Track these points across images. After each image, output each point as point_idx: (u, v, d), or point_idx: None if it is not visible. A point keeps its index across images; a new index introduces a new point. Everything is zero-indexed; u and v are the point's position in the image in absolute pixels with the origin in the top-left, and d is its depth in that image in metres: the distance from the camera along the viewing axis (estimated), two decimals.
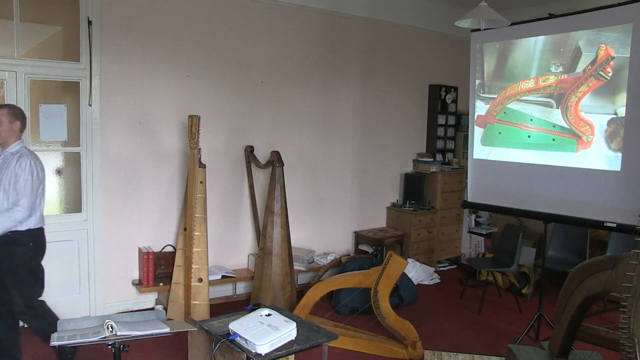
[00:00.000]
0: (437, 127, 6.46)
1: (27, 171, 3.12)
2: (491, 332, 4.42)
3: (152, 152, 4.53)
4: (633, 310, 2.14)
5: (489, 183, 4.57)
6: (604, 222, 3.73)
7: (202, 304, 4.24)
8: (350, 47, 5.63)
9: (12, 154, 3.18)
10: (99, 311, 4.37)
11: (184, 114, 4.49)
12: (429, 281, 5.68)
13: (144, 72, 4.41)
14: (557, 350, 2.75)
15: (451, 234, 6.33)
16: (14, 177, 3.11)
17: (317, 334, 2.74)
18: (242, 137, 4.97)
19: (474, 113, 4.66)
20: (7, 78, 3.89)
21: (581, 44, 3.87)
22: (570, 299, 2.65)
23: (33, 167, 3.15)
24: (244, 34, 4.88)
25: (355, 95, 5.75)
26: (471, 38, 4.63)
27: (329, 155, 5.63)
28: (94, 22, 4.12)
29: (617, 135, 3.70)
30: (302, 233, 5.45)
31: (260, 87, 5.04)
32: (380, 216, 6.18)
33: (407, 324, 3.84)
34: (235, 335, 2.54)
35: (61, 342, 2.32)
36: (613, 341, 3.92)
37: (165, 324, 2.56)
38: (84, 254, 4.29)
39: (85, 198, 4.28)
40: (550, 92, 4.09)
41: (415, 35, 6.17)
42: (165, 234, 4.64)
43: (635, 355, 2.10)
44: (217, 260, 4.88)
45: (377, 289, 3.83)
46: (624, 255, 2.29)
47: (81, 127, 4.21)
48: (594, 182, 3.84)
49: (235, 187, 4.99)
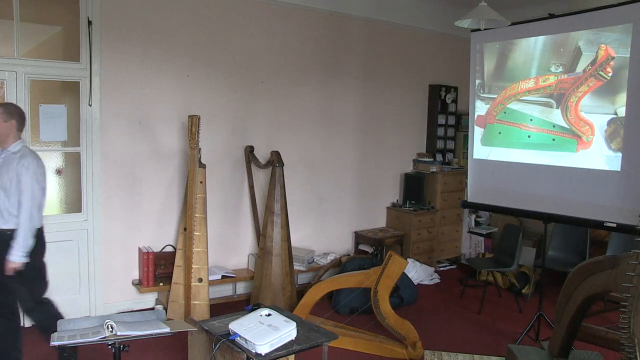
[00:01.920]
0: (437, 127, 6.46)
1: (30, 171, 3.10)
2: (491, 332, 4.42)
3: (152, 152, 4.53)
4: (633, 310, 2.14)
5: (489, 183, 4.58)
6: (604, 222, 3.73)
7: (202, 304, 4.24)
8: (350, 47, 5.63)
9: (13, 154, 3.15)
10: (99, 311, 4.37)
11: (184, 113, 4.49)
12: (429, 281, 5.68)
13: (144, 72, 4.41)
14: (557, 350, 2.76)
15: (451, 234, 6.33)
16: (15, 176, 3.09)
17: (317, 334, 2.74)
18: (242, 137, 4.97)
19: (474, 113, 4.66)
20: (7, 78, 3.89)
21: (581, 44, 3.87)
22: (570, 299, 2.65)
23: (37, 167, 3.14)
24: (245, 33, 4.88)
25: (355, 95, 5.75)
26: (471, 38, 4.63)
27: (329, 155, 5.63)
28: (94, 22, 4.12)
29: (617, 135, 3.70)
30: (302, 233, 5.45)
31: (260, 87, 5.04)
32: (380, 216, 6.18)
33: (407, 324, 3.84)
34: (235, 335, 2.54)
35: (61, 342, 2.32)
36: (613, 341, 3.93)
37: (165, 324, 2.56)
38: (84, 254, 4.29)
39: (85, 198, 4.28)
40: (550, 92, 4.09)
41: (415, 35, 6.17)
42: (165, 234, 4.64)
43: (635, 355, 2.10)
44: (217, 260, 4.88)
45: (377, 289, 3.83)
46: (624, 255, 2.30)
47: (81, 127, 4.21)
48: (594, 182, 3.84)
49: (235, 187, 5.00)
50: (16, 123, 3.18)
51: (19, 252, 3.07)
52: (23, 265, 3.10)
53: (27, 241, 3.09)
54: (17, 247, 3.06)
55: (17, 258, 3.07)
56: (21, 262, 3.09)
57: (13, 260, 3.06)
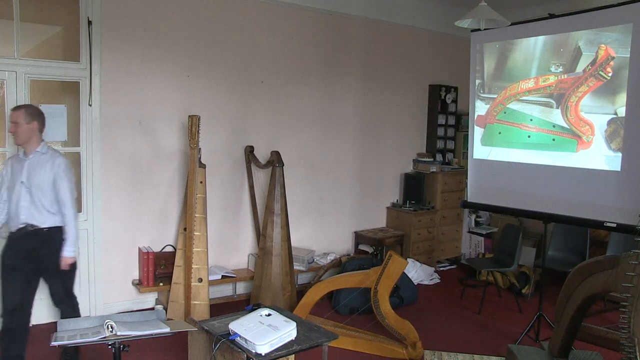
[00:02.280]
0: (437, 127, 6.46)
1: (65, 170, 3.25)
2: (491, 332, 4.42)
3: (152, 152, 4.53)
4: (633, 310, 2.14)
5: (489, 183, 4.57)
6: (604, 222, 3.73)
7: (202, 304, 4.24)
8: (350, 47, 5.63)
9: (43, 154, 3.26)
10: (99, 311, 4.37)
11: (184, 113, 4.49)
12: (429, 281, 5.68)
13: (144, 72, 4.41)
14: (557, 350, 2.75)
15: (451, 234, 6.33)
16: (52, 176, 3.21)
17: (317, 334, 2.74)
18: (242, 137, 4.97)
19: (474, 113, 4.66)
20: (7, 78, 3.90)
21: (581, 44, 3.87)
22: (570, 299, 2.65)
23: (69, 167, 3.29)
24: (244, 33, 4.88)
25: (355, 95, 5.75)
26: (471, 38, 4.63)
27: (329, 155, 5.63)
28: (94, 22, 4.12)
29: (617, 135, 3.70)
30: (302, 233, 5.45)
31: (260, 86, 5.04)
32: (380, 216, 6.18)
33: (407, 324, 3.84)
34: (235, 335, 2.54)
35: (61, 342, 2.32)
36: (613, 341, 3.93)
37: (165, 324, 2.56)
38: (84, 254, 4.29)
39: (86, 198, 4.28)
40: (550, 92, 4.09)
41: (415, 35, 6.17)
42: (165, 234, 4.64)
43: (635, 355, 2.10)
44: (217, 260, 4.88)
45: (377, 289, 3.83)
46: (624, 255, 2.30)
47: (81, 127, 4.21)
48: (594, 182, 3.84)
49: (235, 187, 5.00)
50: (38, 124, 3.26)
51: (72, 247, 3.27)
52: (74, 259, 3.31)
53: (75, 236, 3.29)
54: (69, 242, 3.26)
55: (71, 253, 3.27)
56: (74, 257, 3.30)
57: (68, 255, 3.26)
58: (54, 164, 3.23)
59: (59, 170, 3.22)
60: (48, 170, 3.21)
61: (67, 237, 3.25)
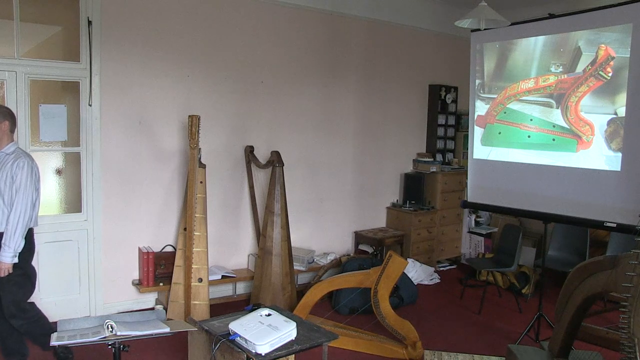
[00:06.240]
0: (437, 127, 6.46)
1: (25, 171, 3.08)
2: (491, 332, 4.42)
3: (152, 152, 4.53)
4: (633, 310, 2.14)
5: (489, 183, 4.57)
6: (604, 222, 3.73)
7: (202, 304, 4.24)
8: (350, 47, 5.63)
9: (7, 155, 3.15)
10: (99, 311, 4.37)
11: (184, 113, 4.49)
12: (429, 281, 5.68)
13: (144, 71, 4.41)
14: (557, 350, 2.75)
15: (451, 234, 6.33)
16: (10, 178, 3.08)
17: (317, 334, 2.74)
18: (242, 137, 4.97)
19: (474, 113, 4.66)
20: (7, 78, 3.89)
21: (581, 44, 3.87)
22: (570, 299, 2.65)
23: (30, 168, 3.13)
24: (245, 33, 4.88)
25: (355, 95, 5.75)
26: (471, 38, 4.63)
27: (329, 155, 5.63)
28: (94, 22, 4.12)
29: (617, 135, 3.70)
30: (302, 233, 5.45)
31: (260, 86, 5.04)
32: (380, 216, 6.18)
33: (407, 324, 3.84)
34: (235, 335, 2.54)
35: (61, 342, 2.32)
36: (613, 341, 3.93)
37: (165, 324, 2.56)
38: (84, 254, 4.29)
39: (85, 198, 4.28)
40: (550, 92, 4.09)
41: (415, 35, 6.17)
42: (165, 234, 4.64)
43: (635, 355, 2.10)
44: (217, 260, 4.88)
45: (377, 289, 3.83)
46: (624, 255, 2.29)
47: (81, 127, 4.21)
48: (594, 182, 3.84)
49: (235, 187, 5.00)
50: (9, 124, 3.17)
51: (9, 252, 3.01)
52: (12, 267, 3.04)
53: (17, 241, 3.03)
54: (5, 247, 3.00)
55: (8, 259, 3.01)
56: (11, 263, 3.03)
57: (4, 260, 3.00)
58: (14, 164, 3.08)
59: (16, 170, 3.06)
60: (7, 170, 3.08)
61: (5, 240, 3.00)
